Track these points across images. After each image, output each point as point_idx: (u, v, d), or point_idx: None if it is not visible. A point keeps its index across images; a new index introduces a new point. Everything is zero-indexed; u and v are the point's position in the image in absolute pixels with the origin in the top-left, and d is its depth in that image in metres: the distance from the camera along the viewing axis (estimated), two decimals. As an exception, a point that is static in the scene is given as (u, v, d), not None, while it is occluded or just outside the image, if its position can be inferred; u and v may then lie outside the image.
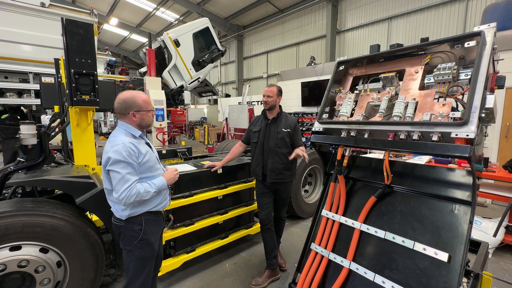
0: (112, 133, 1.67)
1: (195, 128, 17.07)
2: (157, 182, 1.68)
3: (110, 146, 1.57)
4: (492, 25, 1.46)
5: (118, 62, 9.04)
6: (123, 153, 1.53)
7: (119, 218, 1.66)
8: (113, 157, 1.52)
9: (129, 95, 1.66)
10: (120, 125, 1.69)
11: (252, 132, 2.67)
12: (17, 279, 1.80)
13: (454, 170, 1.67)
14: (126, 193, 1.51)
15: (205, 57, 8.00)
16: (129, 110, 1.64)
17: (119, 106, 1.65)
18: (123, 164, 1.53)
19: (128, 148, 1.55)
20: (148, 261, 1.73)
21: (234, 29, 16.52)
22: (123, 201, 1.52)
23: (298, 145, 2.55)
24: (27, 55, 5.49)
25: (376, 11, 10.40)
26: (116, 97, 1.67)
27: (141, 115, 1.67)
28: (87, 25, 2.45)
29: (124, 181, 1.52)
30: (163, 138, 6.33)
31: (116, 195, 1.53)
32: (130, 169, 1.55)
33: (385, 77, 1.84)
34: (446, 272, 1.44)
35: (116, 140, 1.57)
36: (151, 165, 1.70)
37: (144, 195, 1.57)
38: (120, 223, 1.66)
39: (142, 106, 1.67)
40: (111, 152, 1.53)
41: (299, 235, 3.64)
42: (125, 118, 1.67)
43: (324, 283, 1.94)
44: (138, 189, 1.55)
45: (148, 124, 1.74)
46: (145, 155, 1.65)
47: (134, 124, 1.68)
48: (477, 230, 3.23)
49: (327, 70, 8.40)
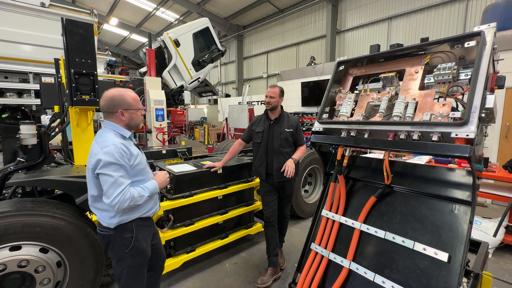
0: (99, 134, 1.53)
1: (195, 128, 17.07)
2: (150, 185, 1.58)
3: (99, 148, 1.43)
4: (492, 25, 1.45)
5: (118, 62, 9.04)
6: (115, 154, 1.41)
7: (106, 226, 1.52)
8: (104, 159, 1.39)
9: (117, 92, 1.55)
10: (107, 125, 1.56)
11: (255, 133, 2.70)
12: (17, 279, 1.80)
13: (454, 170, 1.67)
14: (120, 197, 1.39)
15: (205, 57, 8.01)
16: (118, 108, 1.53)
17: (106, 104, 1.52)
18: (115, 166, 1.41)
19: (120, 149, 1.44)
20: (141, 268, 1.64)
21: (234, 29, 16.52)
22: (116, 206, 1.39)
23: (300, 144, 2.65)
24: (27, 55, 5.49)
25: (376, 11, 10.40)
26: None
27: (130, 114, 1.56)
28: (87, 25, 2.45)
29: (117, 185, 1.40)
30: (163, 138, 6.33)
31: (108, 200, 1.40)
32: (122, 171, 1.44)
33: (385, 77, 1.84)
34: (446, 272, 1.44)
35: (106, 141, 1.45)
36: (142, 167, 1.61)
37: (138, 200, 1.47)
38: (108, 232, 1.53)
39: (132, 104, 1.56)
40: (102, 153, 1.40)
41: (299, 235, 3.64)
42: (113, 117, 1.55)
43: (324, 283, 1.94)
44: (132, 193, 1.44)
45: (137, 124, 1.64)
46: (137, 157, 1.56)
47: (122, 124, 1.57)
48: (477, 230, 3.23)
49: (327, 70, 8.40)
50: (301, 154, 2.64)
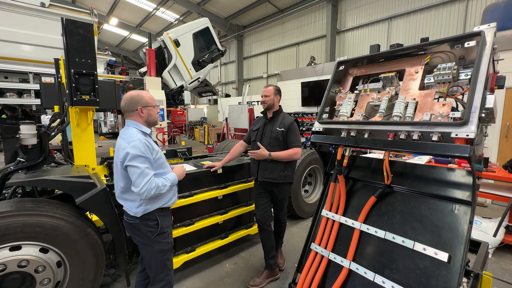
0: (123, 131, 1.72)
1: (195, 128, 17.07)
2: (170, 176, 1.76)
3: (126, 143, 1.61)
4: (492, 25, 1.45)
5: (118, 62, 9.03)
6: (141, 148, 1.59)
7: (133, 216, 1.70)
8: (132, 152, 1.57)
9: (135, 93, 1.75)
10: (129, 123, 1.74)
11: (252, 131, 2.70)
12: (17, 279, 1.80)
13: (454, 170, 1.67)
14: (147, 186, 1.57)
15: (205, 57, 8.01)
16: (137, 106, 1.71)
17: (127, 103, 1.72)
18: (142, 158, 1.59)
19: (144, 143, 1.62)
20: (168, 253, 1.82)
21: (234, 29, 16.52)
22: (144, 194, 1.57)
23: (291, 145, 2.45)
24: (27, 55, 5.48)
25: (376, 11, 10.40)
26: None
27: (148, 110, 1.75)
28: (87, 25, 2.45)
29: (144, 175, 1.57)
30: (163, 138, 6.33)
31: (137, 189, 1.57)
32: (148, 163, 1.62)
33: (385, 77, 1.84)
34: (446, 272, 1.44)
35: (132, 137, 1.63)
36: (162, 161, 1.79)
37: (162, 188, 1.65)
38: (135, 220, 1.71)
39: (149, 102, 1.75)
40: (129, 147, 1.58)
41: (299, 235, 3.64)
42: (133, 115, 1.73)
43: (324, 283, 1.94)
44: (157, 182, 1.62)
45: (155, 120, 1.81)
46: (158, 152, 1.74)
47: (142, 120, 1.75)
48: (477, 230, 3.23)
49: (327, 70, 8.40)
50: (284, 155, 2.40)
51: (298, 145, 2.48)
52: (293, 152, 2.44)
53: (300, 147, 2.52)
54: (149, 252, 1.76)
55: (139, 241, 1.76)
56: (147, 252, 1.77)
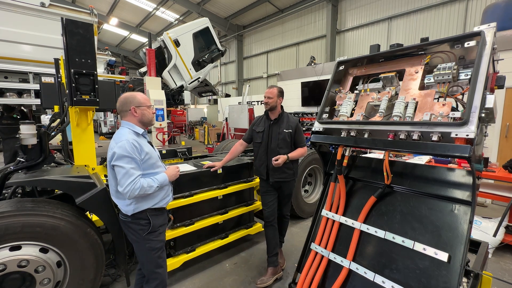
0: (117, 132, 1.77)
1: (195, 128, 17.07)
2: (159, 177, 1.77)
3: (114, 143, 1.67)
4: (492, 25, 1.45)
5: (118, 62, 9.03)
6: (127, 148, 1.62)
7: (125, 214, 1.76)
8: (118, 152, 1.61)
9: (129, 94, 1.80)
10: (123, 124, 1.78)
11: (255, 133, 2.71)
12: (17, 279, 1.80)
13: (454, 170, 1.67)
14: (131, 186, 1.60)
15: (205, 57, 7.99)
16: (130, 106, 1.75)
17: (121, 104, 1.77)
18: (127, 159, 1.62)
19: (131, 144, 1.65)
20: (160, 251, 1.85)
21: (234, 29, 16.51)
22: (128, 194, 1.61)
23: (300, 145, 2.61)
24: (27, 55, 5.48)
25: (376, 11, 10.40)
26: (117, 98, 1.78)
27: (142, 110, 1.78)
28: (87, 25, 2.45)
29: (129, 175, 1.60)
30: (163, 138, 6.33)
31: (121, 188, 1.61)
32: (133, 164, 1.64)
33: (385, 77, 1.84)
34: (446, 272, 1.44)
35: (121, 137, 1.67)
36: (153, 162, 1.80)
37: (147, 189, 1.66)
38: (126, 218, 1.76)
39: (142, 101, 1.79)
40: (116, 147, 1.63)
41: (299, 235, 3.64)
42: (127, 115, 1.77)
43: (324, 283, 1.94)
44: (141, 183, 1.64)
45: (149, 120, 1.83)
46: (147, 152, 1.75)
47: (136, 120, 1.78)
48: (477, 230, 3.22)
49: (327, 70, 8.40)
50: (297, 154, 2.58)
51: (305, 144, 2.66)
52: (304, 151, 2.64)
53: (306, 145, 2.66)
54: (141, 250, 1.81)
55: (132, 238, 1.81)
56: (139, 250, 1.82)
